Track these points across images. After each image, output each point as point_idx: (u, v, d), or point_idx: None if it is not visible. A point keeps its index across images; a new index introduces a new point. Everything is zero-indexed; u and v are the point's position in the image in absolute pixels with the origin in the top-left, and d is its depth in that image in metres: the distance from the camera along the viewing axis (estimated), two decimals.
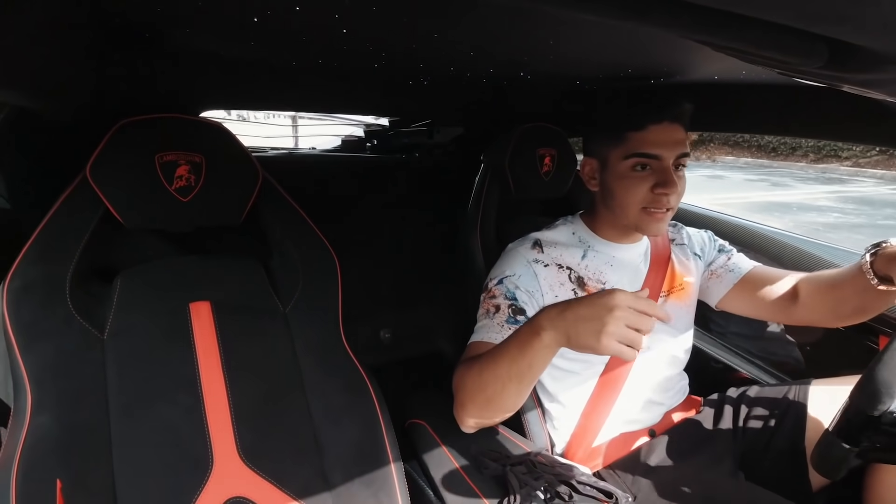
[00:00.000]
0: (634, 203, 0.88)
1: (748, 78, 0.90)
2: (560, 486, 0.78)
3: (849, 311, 0.91)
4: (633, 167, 0.87)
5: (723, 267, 1.06)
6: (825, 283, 0.93)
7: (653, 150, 0.85)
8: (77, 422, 0.68)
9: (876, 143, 0.90)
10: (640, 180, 0.87)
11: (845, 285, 0.89)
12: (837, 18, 0.31)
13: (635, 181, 0.87)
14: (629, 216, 0.90)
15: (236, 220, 0.83)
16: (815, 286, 0.95)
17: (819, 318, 0.96)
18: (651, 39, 0.69)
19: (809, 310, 0.95)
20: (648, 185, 0.87)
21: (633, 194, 0.88)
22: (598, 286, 0.94)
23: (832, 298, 0.92)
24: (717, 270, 1.06)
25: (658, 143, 0.85)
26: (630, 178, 0.88)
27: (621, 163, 0.88)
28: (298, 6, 0.57)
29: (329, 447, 0.80)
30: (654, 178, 0.86)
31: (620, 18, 0.33)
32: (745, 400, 1.03)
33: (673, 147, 0.86)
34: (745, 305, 1.03)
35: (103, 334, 0.73)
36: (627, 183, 0.88)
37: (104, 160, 0.73)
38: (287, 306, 0.85)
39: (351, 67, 0.98)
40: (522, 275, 0.91)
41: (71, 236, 0.73)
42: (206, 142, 0.79)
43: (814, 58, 0.36)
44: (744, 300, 1.03)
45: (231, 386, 0.77)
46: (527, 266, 0.92)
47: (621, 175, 0.89)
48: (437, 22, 0.64)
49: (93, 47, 0.72)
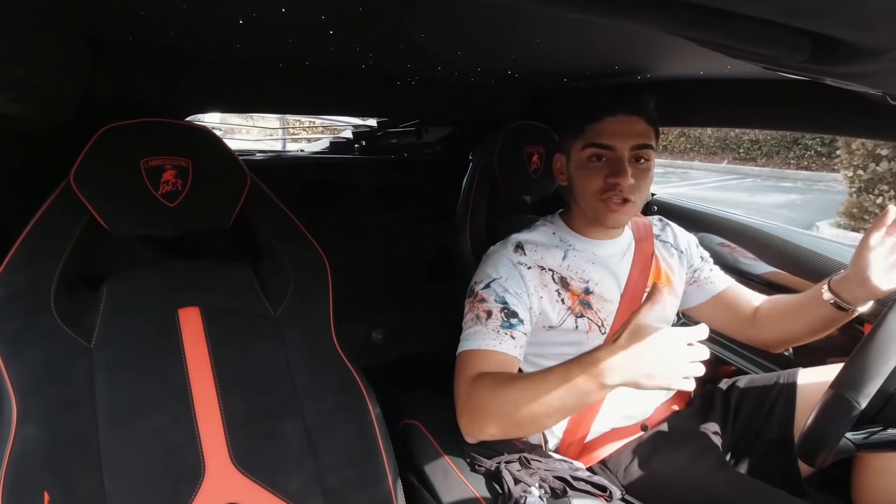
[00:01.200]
0: (590, 193, 0.91)
1: (733, 73, 0.91)
2: (554, 482, 0.78)
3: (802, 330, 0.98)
4: (589, 158, 0.91)
5: (704, 278, 1.09)
6: (782, 307, 1.02)
7: (607, 140, 0.89)
8: (65, 432, 0.67)
9: (857, 134, 0.92)
10: (595, 170, 0.90)
11: (804, 307, 0.96)
12: (820, 12, 0.31)
13: (591, 171, 0.91)
14: (588, 207, 0.93)
15: (224, 224, 0.82)
16: (771, 310, 1.03)
17: (778, 339, 1.03)
18: (638, 36, 0.70)
19: (764, 331, 1.03)
20: (603, 174, 0.89)
21: (588, 183, 0.91)
22: (582, 285, 0.95)
23: (788, 320, 0.99)
24: (698, 278, 1.09)
25: (612, 133, 0.89)
26: (587, 168, 0.92)
27: (579, 153, 0.92)
28: (284, 8, 0.56)
29: (323, 450, 0.79)
30: (608, 168, 0.89)
31: (610, 17, 0.33)
32: (735, 391, 1.05)
33: (628, 138, 0.88)
34: (710, 319, 1.08)
35: (90, 342, 0.72)
36: (584, 173, 0.92)
37: (88, 166, 0.72)
38: (277, 310, 0.85)
39: (338, 68, 0.98)
40: (509, 277, 0.91)
41: (55, 244, 0.72)
42: (192, 146, 0.78)
43: (798, 52, 0.37)
44: (712, 315, 1.09)
45: (222, 392, 0.76)
46: (512, 268, 0.92)
47: (579, 166, 0.93)
48: (424, 22, 0.64)
49: (76, 52, 0.70)
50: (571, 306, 0.93)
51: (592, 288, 0.96)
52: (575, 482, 0.79)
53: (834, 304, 0.90)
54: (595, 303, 0.95)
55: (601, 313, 0.95)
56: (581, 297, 0.94)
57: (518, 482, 0.78)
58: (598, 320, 0.95)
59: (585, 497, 0.77)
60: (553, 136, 1.22)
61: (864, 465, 0.89)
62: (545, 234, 1.00)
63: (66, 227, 0.73)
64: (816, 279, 1.16)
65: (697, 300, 1.09)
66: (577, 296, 0.94)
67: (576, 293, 0.94)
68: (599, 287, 0.96)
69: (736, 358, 1.32)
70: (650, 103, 0.90)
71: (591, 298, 0.95)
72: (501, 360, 0.85)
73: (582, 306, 0.94)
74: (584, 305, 0.94)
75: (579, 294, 0.94)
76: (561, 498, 0.76)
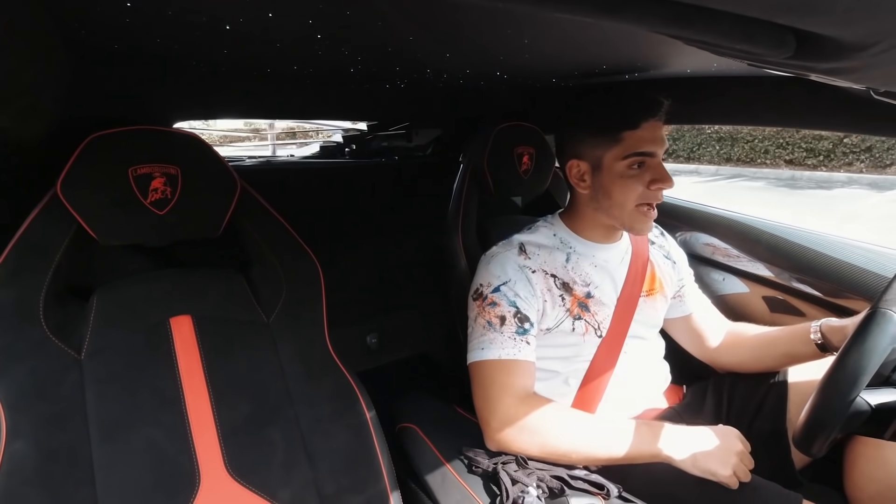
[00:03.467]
0: (631, 201, 0.90)
1: (719, 70, 0.92)
2: (552, 481, 0.78)
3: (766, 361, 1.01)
4: (630, 166, 0.89)
5: (686, 294, 1.11)
6: (753, 336, 1.05)
7: (648, 147, 0.88)
8: (56, 446, 0.66)
9: (844, 129, 0.93)
10: (636, 178, 0.89)
11: (780, 339, 0.99)
12: (803, 9, 0.31)
13: (633, 180, 0.89)
14: (625, 216, 0.92)
15: (215, 232, 0.81)
16: (740, 337, 1.06)
17: (737, 365, 1.06)
18: (624, 35, 0.70)
19: (727, 355, 1.07)
20: (644, 182, 0.89)
21: (630, 192, 0.89)
22: (584, 290, 0.95)
23: (756, 348, 1.03)
24: (682, 294, 1.11)
25: (651, 140, 0.88)
26: (628, 177, 0.89)
27: (618, 163, 0.89)
28: (271, 13, 0.56)
29: (319, 456, 0.79)
30: (649, 175, 0.89)
31: (594, 16, 0.33)
32: (727, 385, 1.05)
33: (662, 143, 0.89)
34: (676, 334, 1.13)
35: (81, 354, 0.71)
36: (625, 182, 0.89)
37: (75, 175, 0.71)
38: (270, 316, 0.84)
39: (327, 72, 0.97)
40: (517, 280, 0.91)
41: (43, 255, 0.71)
42: (181, 153, 0.77)
43: (782, 48, 0.37)
44: (679, 330, 1.13)
45: (216, 401, 0.75)
46: (519, 271, 0.92)
47: (619, 175, 0.90)
48: (412, 25, 0.64)
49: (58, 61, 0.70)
50: (570, 308, 0.93)
51: (593, 292, 0.96)
52: (572, 481, 0.79)
53: (819, 346, 0.92)
54: (593, 306, 0.95)
55: (598, 316, 0.96)
56: (581, 300, 0.95)
57: (515, 483, 0.78)
58: (594, 323, 0.95)
59: (583, 496, 0.77)
60: (542, 137, 1.22)
61: (855, 455, 0.90)
62: (546, 235, 1.00)
63: (53, 237, 0.72)
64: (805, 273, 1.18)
65: (672, 314, 1.11)
66: (578, 299, 0.94)
67: (577, 297, 0.95)
68: (599, 291, 0.97)
69: None
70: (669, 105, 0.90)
71: (591, 302, 0.95)
72: (523, 368, 0.87)
73: (580, 309, 0.94)
74: (583, 308, 0.95)
75: (580, 298, 0.95)
76: (559, 497, 0.77)
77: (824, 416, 0.65)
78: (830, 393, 0.65)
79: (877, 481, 0.86)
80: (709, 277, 1.36)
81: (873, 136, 2.20)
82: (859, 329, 0.66)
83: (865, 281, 1.06)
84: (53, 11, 0.56)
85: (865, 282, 1.06)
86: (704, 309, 1.12)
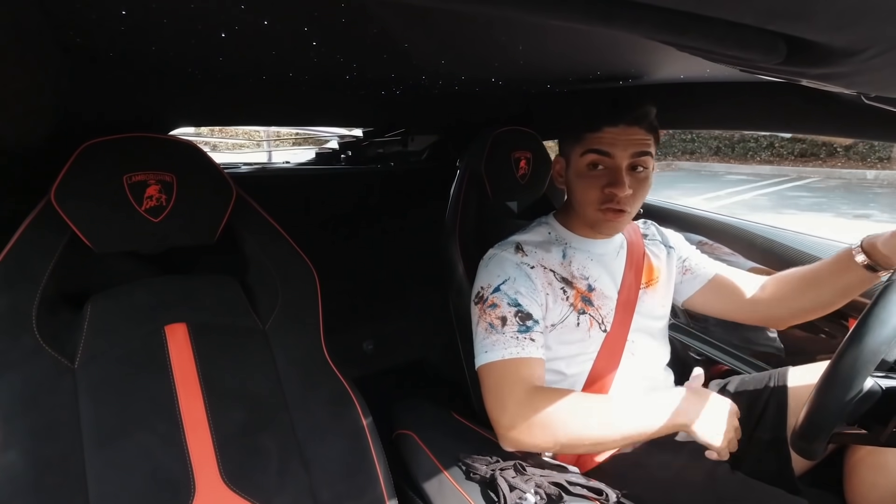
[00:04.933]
0: (590, 201, 0.91)
1: (712, 76, 0.93)
2: (550, 487, 0.78)
3: (818, 299, 0.95)
4: (588, 165, 0.90)
5: (695, 264, 1.09)
6: (795, 278, 0.99)
7: (605, 147, 0.88)
8: (49, 456, 0.65)
9: (836, 134, 0.94)
10: (594, 179, 0.90)
11: (823, 273, 0.94)
12: (793, 16, 0.32)
13: (590, 179, 0.91)
14: (587, 214, 0.93)
15: (210, 239, 0.81)
16: (782, 283, 1.00)
17: (782, 315, 1.01)
18: (618, 42, 0.71)
19: (774, 306, 1.00)
20: (601, 183, 0.89)
21: (588, 192, 0.91)
22: (585, 282, 0.96)
23: (802, 289, 0.97)
24: (690, 267, 1.09)
25: (611, 142, 0.88)
26: (586, 176, 0.91)
27: (578, 160, 0.92)
28: (266, 20, 0.56)
29: (315, 464, 0.78)
30: (606, 178, 0.89)
31: (588, 23, 0.34)
32: (727, 392, 1.05)
33: (626, 146, 0.88)
34: (711, 306, 1.08)
35: (74, 363, 0.71)
36: (583, 181, 0.92)
37: (69, 183, 0.71)
38: (266, 323, 0.84)
39: (322, 79, 0.98)
40: (517, 277, 0.91)
41: (36, 263, 0.71)
42: (176, 160, 0.77)
43: (773, 54, 0.37)
44: (712, 301, 1.08)
45: (211, 409, 0.75)
46: (517, 268, 0.92)
47: (579, 173, 0.92)
48: (407, 32, 0.64)
49: (53, 68, 0.70)
50: (574, 303, 0.94)
51: (594, 284, 0.96)
52: (571, 487, 0.78)
53: (867, 266, 0.87)
54: (596, 299, 0.96)
55: (602, 310, 0.96)
56: (584, 293, 0.95)
57: (513, 489, 0.77)
58: (598, 317, 0.95)
59: (581, 501, 0.77)
60: (539, 141, 1.23)
61: (855, 461, 0.90)
62: (541, 234, 1.00)
63: (47, 245, 0.72)
64: None
65: (692, 289, 1.09)
66: (581, 293, 0.95)
67: (580, 290, 0.95)
68: (599, 283, 0.97)
69: (727, 358, 1.33)
70: (650, 112, 0.89)
71: (593, 296, 0.95)
72: (530, 364, 0.86)
73: (584, 303, 0.94)
74: (586, 302, 0.95)
75: (583, 291, 0.95)
76: (557, 503, 0.76)
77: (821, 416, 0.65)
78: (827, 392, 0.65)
79: (878, 487, 0.86)
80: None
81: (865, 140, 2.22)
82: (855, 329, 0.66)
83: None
84: (49, 18, 0.56)
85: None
86: (724, 269, 1.08)
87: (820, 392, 0.66)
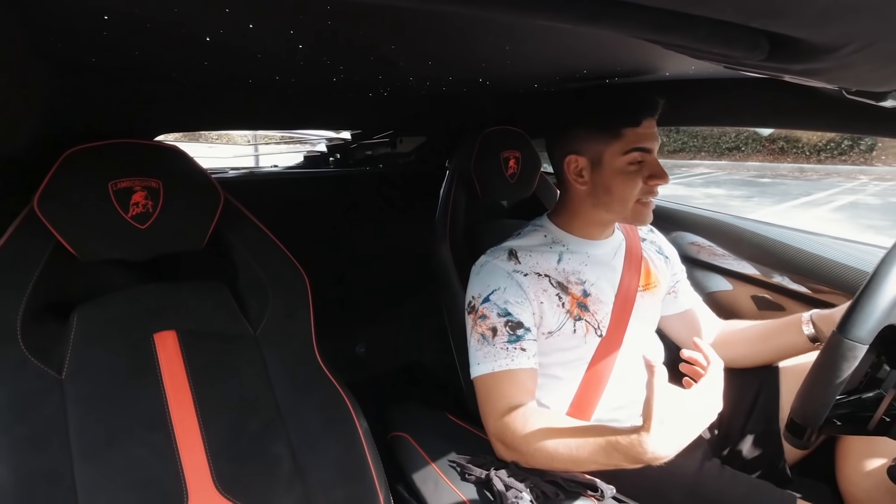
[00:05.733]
0: (633, 196, 0.91)
1: (697, 73, 0.94)
2: (545, 486, 0.78)
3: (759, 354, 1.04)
4: (630, 162, 0.90)
5: (681, 290, 1.12)
6: (744, 331, 1.07)
7: (648, 143, 0.90)
8: (37, 470, 0.64)
9: (819, 128, 0.95)
10: (636, 174, 0.90)
11: (772, 333, 1.02)
12: (775, 13, 0.32)
13: (633, 175, 0.90)
14: (626, 210, 0.93)
15: (199, 245, 0.80)
16: (732, 333, 1.08)
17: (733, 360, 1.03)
18: (604, 41, 0.71)
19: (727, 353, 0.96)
20: (642, 177, 0.90)
21: (632, 187, 0.90)
22: (580, 288, 0.95)
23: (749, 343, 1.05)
24: (676, 290, 1.12)
25: (648, 136, 0.90)
26: (628, 172, 0.90)
27: (619, 158, 0.90)
28: (252, 24, 0.56)
29: (310, 469, 0.78)
30: (647, 171, 0.90)
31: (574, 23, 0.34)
32: None
33: (657, 140, 0.91)
34: (672, 331, 1.14)
35: (61, 374, 0.70)
36: (626, 178, 0.90)
37: (53, 191, 0.70)
38: (257, 329, 0.83)
39: (309, 82, 0.97)
40: (507, 287, 0.91)
41: (20, 273, 0.69)
42: (162, 166, 0.76)
43: (756, 51, 0.38)
44: (674, 328, 1.13)
45: (203, 417, 0.74)
46: (508, 277, 0.92)
47: (620, 170, 0.90)
48: (393, 34, 0.64)
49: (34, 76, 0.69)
50: (570, 310, 0.93)
51: (589, 289, 0.96)
52: (566, 484, 0.79)
53: (810, 338, 0.95)
54: (592, 305, 0.95)
55: (597, 315, 0.96)
56: (580, 299, 0.95)
57: (509, 488, 0.77)
58: (594, 322, 0.95)
59: (577, 498, 0.77)
60: (528, 141, 1.23)
61: (847, 450, 0.91)
62: (537, 238, 1.00)
63: (31, 254, 0.70)
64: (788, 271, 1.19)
65: (668, 311, 1.12)
66: (577, 298, 0.94)
67: (575, 296, 0.94)
68: (595, 288, 0.96)
69: None
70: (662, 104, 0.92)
71: (589, 301, 0.95)
72: (519, 376, 0.86)
73: (580, 309, 0.94)
74: (582, 308, 0.95)
75: (578, 297, 0.95)
76: (553, 501, 0.76)
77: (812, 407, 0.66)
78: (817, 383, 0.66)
79: (869, 475, 0.87)
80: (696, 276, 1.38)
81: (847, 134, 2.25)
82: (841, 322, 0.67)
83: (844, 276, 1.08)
84: (29, 25, 0.55)
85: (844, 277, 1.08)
86: (698, 306, 1.13)
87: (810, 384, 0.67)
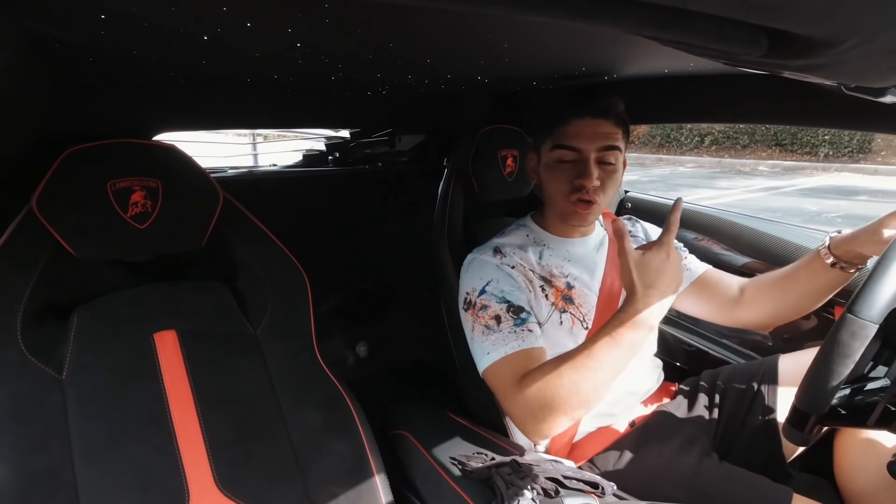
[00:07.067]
0: (560, 193, 0.93)
1: (696, 69, 0.94)
2: (546, 483, 0.78)
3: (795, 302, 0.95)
4: (556, 159, 0.92)
5: (685, 263, 1.09)
6: (771, 281, 0.98)
7: (572, 142, 0.90)
8: (38, 470, 0.64)
9: (818, 124, 0.95)
10: (563, 171, 0.92)
11: (797, 275, 0.94)
12: (774, 9, 0.32)
13: (559, 172, 0.93)
14: (558, 206, 0.95)
15: (198, 245, 0.80)
16: (759, 286, 1.00)
17: (768, 316, 0.99)
18: (602, 37, 0.71)
19: (752, 309, 0.99)
20: (570, 176, 0.91)
21: (557, 184, 0.93)
22: (563, 280, 0.97)
23: (779, 292, 0.97)
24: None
25: (578, 135, 0.90)
26: (555, 169, 0.93)
27: (548, 154, 0.94)
28: (249, 22, 0.55)
29: (311, 468, 0.78)
30: (574, 170, 0.91)
31: (571, 19, 0.34)
32: (719, 382, 1.06)
33: (593, 140, 0.90)
34: (695, 307, 1.08)
35: (62, 374, 0.70)
36: (552, 174, 0.94)
37: (52, 191, 0.70)
38: (257, 328, 0.83)
39: (307, 80, 0.97)
40: (500, 278, 0.92)
41: (20, 274, 0.69)
42: (161, 165, 0.76)
43: (755, 47, 0.38)
44: (695, 302, 1.07)
45: (203, 417, 0.74)
46: (498, 269, 0.93)
47: (548, 166, 0.95)
48: (392, 32, 0.64)
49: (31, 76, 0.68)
50: (555, 302, 0.94)
51: (573, 283, 0.97)
52: (566, 481, 0.79)
53: (836, 266, 0.88)
54: (576, 298, 0.96)
55: (582, 308, 0.97)
56: (564, 292, 0.96)
57: (510, 486, 0.77)
58: (580, 315, 0.96)
59: (578, 495, 0.77)
60: (526, 139, 1.23)
61: (845, 445, 0.92)
62: (519, 236, 1.01)
63: (30, 255, 0.70)
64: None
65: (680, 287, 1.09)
66: (561, 291, 0.96)
67: (559, 289, 0.96)
68: (578, 282, 0.98)
69: (718, 348, 1.35)
70: (617, 105, 0.91)
71: (573, 294, 0.96)
72: (532, 355, 0.85)
73: (564, 301, 0.95)
74: (567, 301, 0.96)
75: (562, 290, 0.96)
76: (554, 498, 0.77)
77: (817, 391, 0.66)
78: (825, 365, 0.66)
79: (867, 470, 0.87)
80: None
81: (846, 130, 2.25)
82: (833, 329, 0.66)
83: None
84: (25, 25, 0.55)
85: None
86: (710, 270, 1.08)
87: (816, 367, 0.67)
